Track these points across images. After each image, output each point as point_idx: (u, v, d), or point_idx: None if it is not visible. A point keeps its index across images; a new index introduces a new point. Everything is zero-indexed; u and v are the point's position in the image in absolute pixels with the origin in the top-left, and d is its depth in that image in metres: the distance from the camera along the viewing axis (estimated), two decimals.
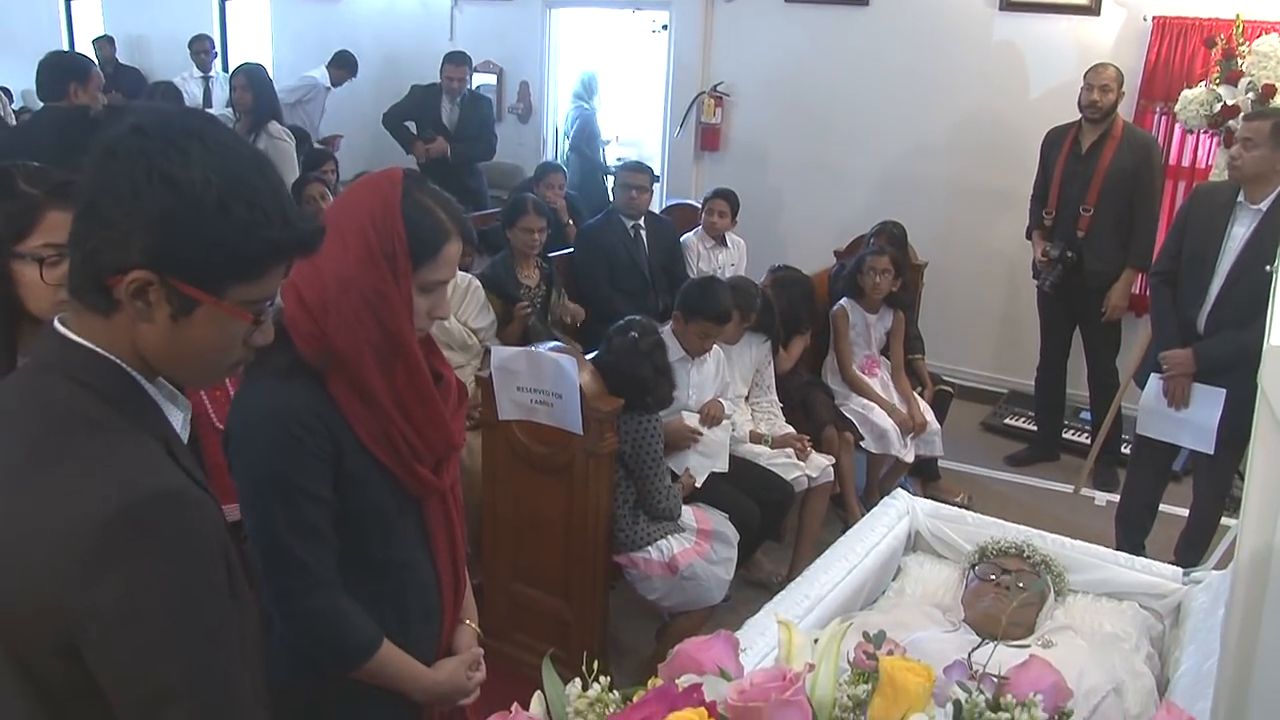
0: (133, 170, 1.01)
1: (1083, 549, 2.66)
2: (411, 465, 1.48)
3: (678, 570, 3.00)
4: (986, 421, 5.37)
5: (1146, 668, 2.36)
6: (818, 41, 5.94)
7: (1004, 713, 1.10)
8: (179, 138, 1.03)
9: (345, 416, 1.43)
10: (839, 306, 4.27)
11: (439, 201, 1.49)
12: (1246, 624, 1.39)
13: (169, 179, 1.01)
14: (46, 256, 1.53)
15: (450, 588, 1.62)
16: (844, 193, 5.89)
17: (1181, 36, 4.85)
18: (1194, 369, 3.40)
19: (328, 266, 1.40)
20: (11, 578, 0.98)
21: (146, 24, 8.92)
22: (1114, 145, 4.39)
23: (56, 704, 1.04)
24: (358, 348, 1.40)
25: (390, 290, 1.41)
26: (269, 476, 1.41)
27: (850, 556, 2.54)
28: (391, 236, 1.41)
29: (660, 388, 3.08)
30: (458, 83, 6.14)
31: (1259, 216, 3.32)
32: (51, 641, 1.00)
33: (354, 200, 1.47)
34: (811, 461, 3.72)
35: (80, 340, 1.06)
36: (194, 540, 1.03)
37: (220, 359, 1.12)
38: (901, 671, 1.01)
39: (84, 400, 1.04)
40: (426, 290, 1.47)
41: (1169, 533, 3.85)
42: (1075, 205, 4.48)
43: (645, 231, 4.78)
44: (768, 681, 0.92)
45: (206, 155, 1.03)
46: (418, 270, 1.44)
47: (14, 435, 1.04)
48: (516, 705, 0.97)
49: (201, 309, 1.06)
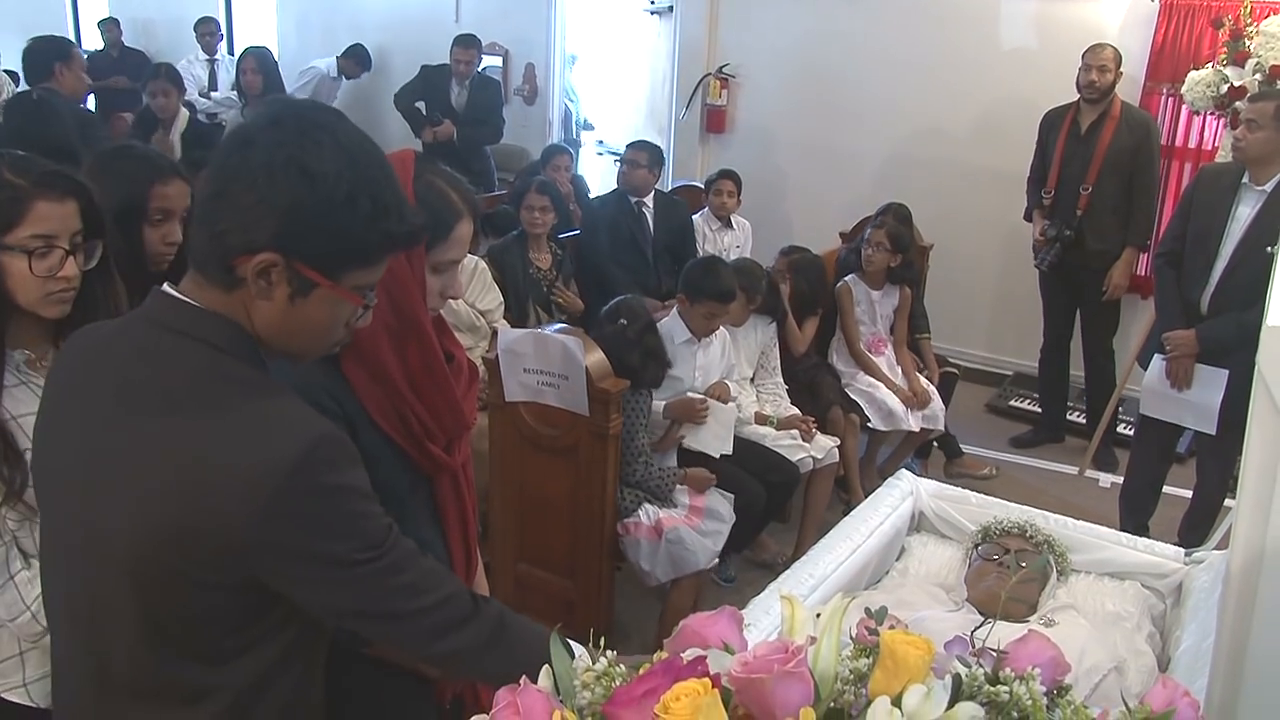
0: (270, 159, 1.09)
1: (1085, 529, 2.68)
2: (424, 444, 1.50)
3: (662, 533, 3.04)
4: (991, 403, 5.38)
5: (1148, 646, 2.38)
6: (823, 23, 5.92)
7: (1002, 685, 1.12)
8: (313, 131, 1.11)
9: (358, 395, 1.45)
10: (843, 283, 4.29)
11: (450, 182, 1.51)
12: (1241, 602, 1.41)
13: (305, 170, 1.09)
14: (35, 248, 1.52)
15: (462, 565, 1.64)
16: (849, 175, 5.88)
17: (1189, 17, 4.84)
18: (1196, 350, 3.42)
19: None
20: (195, 515, 1.09)
21: (152, 7, 8.89)
22: (1113, 125, 4.41)
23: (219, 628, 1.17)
24: (372, 327, 1.42)
25: (403, 270, 1.42)
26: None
27: (854, 536, 2.56)
28: None
29: (649, 370, 3.11)
30: (465, 65, 6.13)
31: (1263, 198, 3.32)
32: (228, 572, 1.12)
33: None
34: (816, 443, 3.74)
35: (213, 309, 1.15)
36: (357, 478, 1.16)
37: (326, 338, 1.22)
38: (901, 645, 1.03)
39: (226, 362, 1.14)
40: (439, 270, 1.49)
41: (1173, 514, 3.87)
42: (1075, 185, 4.49)
43: (652, 210, 4.79)
44: (771, 654, 0.94)
45: (338, 149, 1.11)
46: (430, 250, 1.46)
47: (166, 390, 1.13)
48: (525, 679, 1.00)
49: (318, 291, 1.15)
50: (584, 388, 2.89)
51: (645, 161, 4.79)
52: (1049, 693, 1.18)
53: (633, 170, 4.76)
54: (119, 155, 2.04)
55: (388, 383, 1.46)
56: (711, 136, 6.51)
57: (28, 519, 1.56)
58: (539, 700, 0.96)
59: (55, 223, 1.53)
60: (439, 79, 6.19)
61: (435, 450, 1.52)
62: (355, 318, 1.22)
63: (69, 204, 1.55)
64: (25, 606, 1.56)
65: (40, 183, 1.53)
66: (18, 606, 1.56)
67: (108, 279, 1.65)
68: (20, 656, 1.62)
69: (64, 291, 1.56)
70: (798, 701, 0.93)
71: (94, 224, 1.60)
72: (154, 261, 1.97)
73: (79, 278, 1.58)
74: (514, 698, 0.96)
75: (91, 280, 1.61)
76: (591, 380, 2.88)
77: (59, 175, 1.57)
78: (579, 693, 0.99)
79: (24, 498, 1.53)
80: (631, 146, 4.92)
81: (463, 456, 1.61)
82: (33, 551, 1.58)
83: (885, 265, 4.22)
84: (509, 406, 3.07)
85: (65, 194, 1.55)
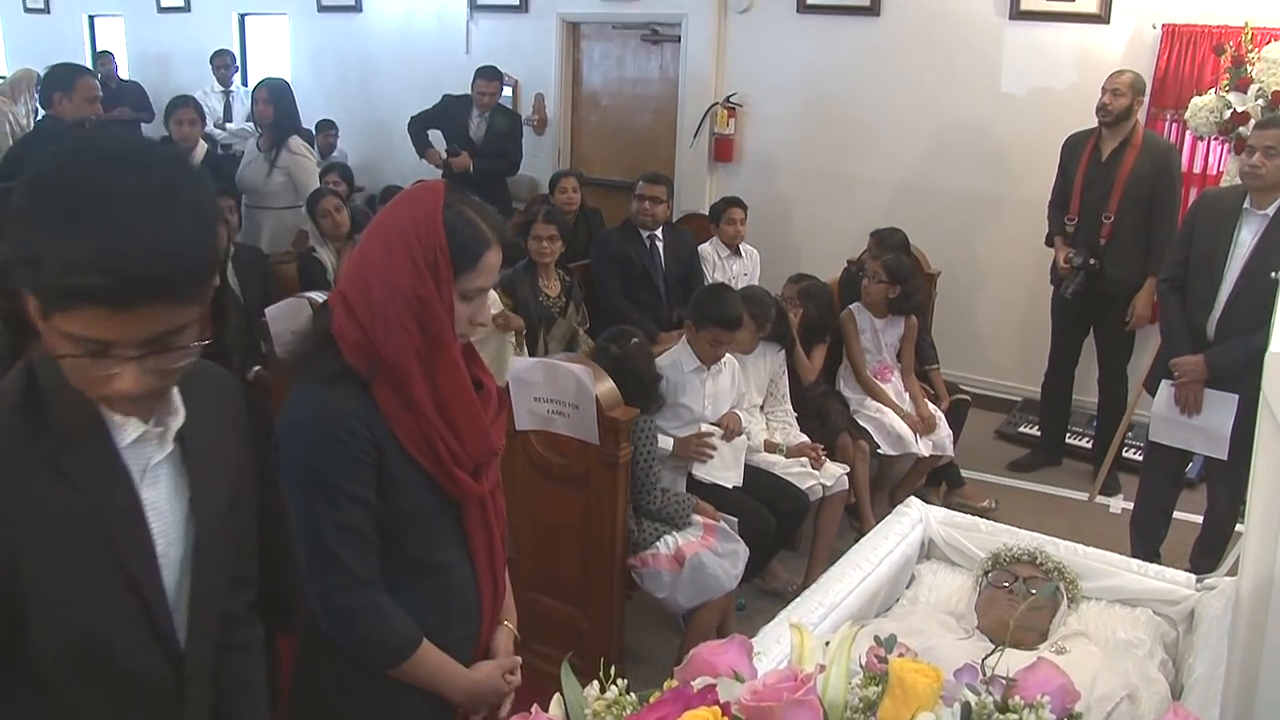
0: None
1: (1095, 555, 2.67)
2: (452, 470, 1.53)
3: (684, 561, 3.03)
4: (1001, 429, 5.38)
5: (1160, 674, 2.37)
6: (830, 52, 5.97)
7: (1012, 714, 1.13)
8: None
9: (388, 421, 1.48)
10: (846, 311, 4.32)
11: (479, 211, 1.54)
12: (1253, 628, 1.41)
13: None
14: None
15: (489, 590, 1.66)
16: (857, 202, 5.92)
17: (1191, 44, 4.87)
18: (1205, 375, 3.41)
19: (373, 275, 1.47)
20: None
21: (168, 40, 9.05)
22: (1134, 153, 4.40)
23: None
24: (404, 355, 1.45)
25: (432, 297, 1.46)
26: (314, 477, 1.47)
27: (864, 564, 2.56)
28: (433, 245, 1.46)
29: (646, 397, 3.12)
30: (489, 98, 6.08)
31: (1266, 221, 3.32)
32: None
33: (397, 210, 1.52)
34: (826, 470, 3.74)
35: None
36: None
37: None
38: (910, 673, 1.04)
39: None
40: (467, 298, 1.52)
41: (1184, 539, 3.85)
42: (1096, 212, 4.48)
43: (663, 243, 4.81)
44: (780, 682, 0.95)
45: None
46: (459, 278, 1.49)
47: None
48: (536, 706, 1.01)
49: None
50: (594, 416, 2.90)
51: (663, 195, 4.80)
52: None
53: (654, 206, 4.74)
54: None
55: (416, 409, 1.48)
56: (719, 165, 6.55)
57: None
58: None
59: None
60: (459, 109, 6.17)
61: (462, 476, 1.54)
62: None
63: None
64: None
65: None
66: None
67: None
68: None
69: None
70: None
71: None
72: None
73: None
74: None
75: None
76: (601, 409, 2.90)
77: None
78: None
79: None
80: (645, 179, 4.87)
81: (491, 483, 1.63)
82: None
83: (884, 296, 4.24)
84: (519, 435, 3.09)
85: None
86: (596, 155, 7.16)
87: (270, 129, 5.32)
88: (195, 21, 8.88)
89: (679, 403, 3.46)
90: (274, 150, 5.25)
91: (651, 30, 6.76)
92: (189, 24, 8.90)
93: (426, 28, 7.58)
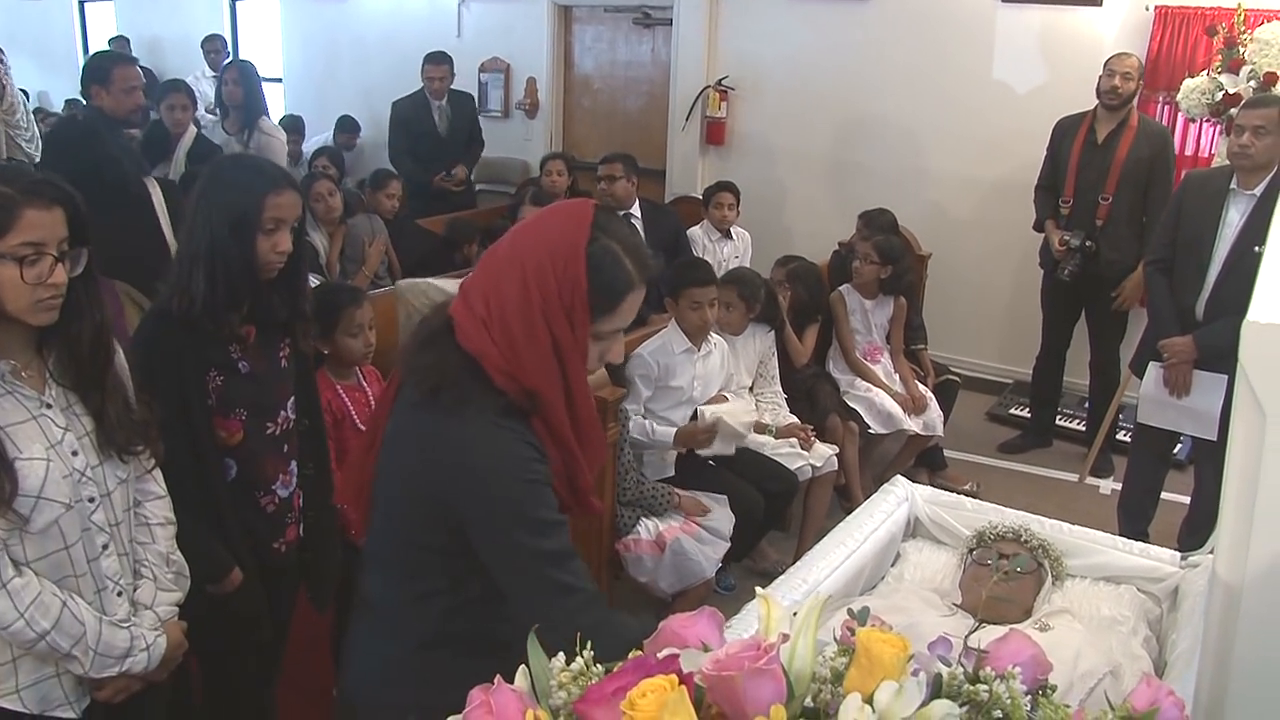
0: None
1: (1080, 534, 2.67)
2: (586, 499, 1.56)
3: (665, 546, 3.05)
4: (992, 411, 5.38)
5: (1144, 651, 2.37)
6: (822, 35, 5.95)
7: (982, 685, 1.12)
8: None
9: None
10: (836, 292, 4.32)
11: (626, 244, 1.48)
12: (1228, 601, 1.41)
13: None
14: (25, 255, 1.52)
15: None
16: (848, 185, 5.90)
17: (1183, 26, 4.85)
18: (1195, 356, 3.41)
19: (511, 310, 1.42)
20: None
21: (159, 25, 8.99)
22: (1130, 135, 4.39)
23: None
24: (553, 390, 1.44)
25: (567, 338, 1.43)
26: (521, 514, 1.45)
27: (849, 542, 2.55)
28: (572, 286, 1.41)
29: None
30: (439, 83, 5.87)
31: (1253, 202, 3.32)
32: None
33: (540, 233, 1.47)
34: (815, 451, 3.74)
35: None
36: None
37: None
38: (877, 643, 1.03)
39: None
40: (601, 338, 1.50)
41: (1172, 520, 3.86)
42: (1092, 194, 4.47)
43: (642, 223, 4.77)
44: (742, 651, 0.95)
45: None
46: (595, 321, 1.45)
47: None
48: (499, 678, 1.00)
49: None
50: None
51: (621, 172, 4.74)
52: (1031, 692, 1.18)
53: (611, 184, 4.71)
54: (233, 166, 2.10)
55: (563, 444, 1.49)
56: (711, 149, 6.53)
57: (17, 527, 1.57)
58: (512, 700, 0.96)
59: (44, 230, 1.55)
60: (413, 111, 5.91)
61: (594, 502, 1.58)
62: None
63: (56, 211, 1.57)
64: (19, 614, 1.57)
65: (28, 191, 1.55)
66: (11, 614, 1.56)
67: (91, 285, 1.66)
68: (14, 663, 1.63)
69: (53, 299, 1.57)
70: (768, 699, 0.93)
71: (80, 231, 1.61)
72: (264, 269, 2.00)
73: (66, 284, 1.59)
74: (487, 696, 0.96)
75: (75, 287, 1.62)
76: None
77: (46, 183, 1.59)
78: (555, 692, 0.99)
79: (13, 506, 1.54)
80: (604, 161, 4.83)
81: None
82: (23, 559, 1.59)
83: (875, 277, 4.23)
84: None
85: (53, 202, 1.57)
86: (589, 139, 7.13)
87: (239, 109, 5.25)
88: (186, 6, 8.82)
89: (669, 385, 3.46)
90: (245, 132, 5.19)
91: (643, 13, 6.73)
92: (180, 9, 8.84)
93: (418, 11, 7.54)
